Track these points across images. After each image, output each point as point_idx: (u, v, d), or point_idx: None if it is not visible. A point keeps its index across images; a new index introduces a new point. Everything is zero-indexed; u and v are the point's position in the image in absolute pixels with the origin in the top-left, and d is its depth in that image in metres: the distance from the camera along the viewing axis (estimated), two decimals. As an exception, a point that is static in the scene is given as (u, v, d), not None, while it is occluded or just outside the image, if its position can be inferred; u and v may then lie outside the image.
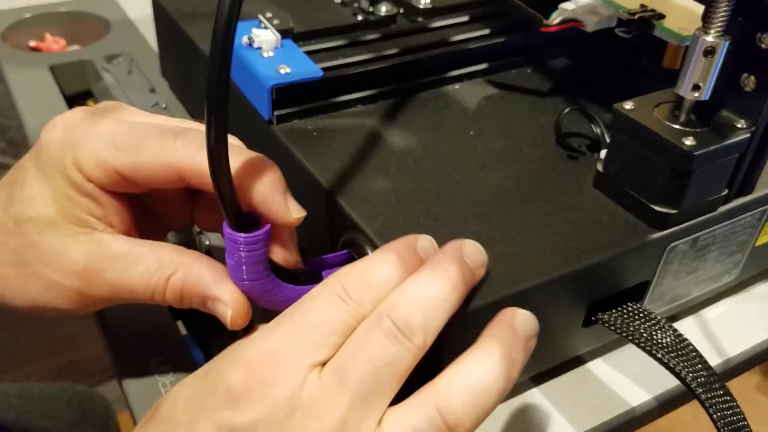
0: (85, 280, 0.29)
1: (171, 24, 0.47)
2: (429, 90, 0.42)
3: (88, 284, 0.29)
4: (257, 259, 0.28)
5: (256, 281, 0.28)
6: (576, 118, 0.39)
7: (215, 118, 0.24)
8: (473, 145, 0.37)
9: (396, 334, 0.24)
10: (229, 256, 0.28)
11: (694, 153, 0.30)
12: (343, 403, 0.23)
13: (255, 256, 0.28)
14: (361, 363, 0.24)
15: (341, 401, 0.23)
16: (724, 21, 0.29)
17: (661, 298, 0.36)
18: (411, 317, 0.25)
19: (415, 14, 0.45)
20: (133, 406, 0.34)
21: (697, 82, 0.30)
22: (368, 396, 0.24)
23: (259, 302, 0.29)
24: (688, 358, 0.31)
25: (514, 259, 0.30)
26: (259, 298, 0.29)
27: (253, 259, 0.28)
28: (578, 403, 0.35)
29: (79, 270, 0.29)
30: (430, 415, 0.24)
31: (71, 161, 0.29)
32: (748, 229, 0.37)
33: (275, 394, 0.23)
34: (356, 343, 0.24)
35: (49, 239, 0.29)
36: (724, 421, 0.30)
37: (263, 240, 0.28)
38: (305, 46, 0.41)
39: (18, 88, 0.55)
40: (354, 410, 0.23)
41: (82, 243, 0.29)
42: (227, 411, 0.23)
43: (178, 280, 0.29)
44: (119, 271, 0.29)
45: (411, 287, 0.26)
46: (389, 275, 0.26)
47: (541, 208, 0.33)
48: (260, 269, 0.28)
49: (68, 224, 0.29)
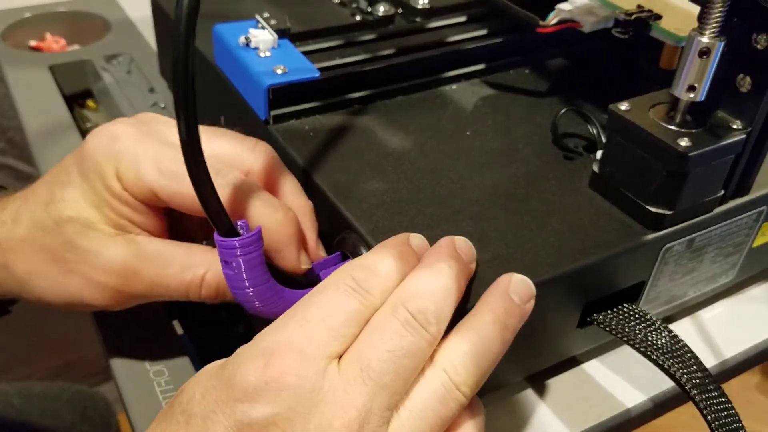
0: (122, 279, 0.31)
1: (170, 24, 0.47)
2: (426, 90, 0.42)
3: (125, 282, 0.31)
4: (255, 262, 0.28)
5: (258, 287, 0.28)
6: (572, 118, 0.39)
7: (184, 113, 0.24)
8: (470, 145, 0.37)
9: (413, 323, 0.25)
10: (227, 267, 0.28)
11: (689, 154, 0.30)
12: (365, 394, 0.24)
13: (252, 258, 0.28)
14: (382, 353, 0.24)
15: (364, 392, 0.24)
16: (720, 22, 0.29)
17: (657, 299, 0.36)
18: (425, 307, 0.25)
19: (413, 14, 0.45)
20: (129, 406, 0.34)
21: (693, 83, 0.30)
22: (390, 385, 0.24)
23: (263, 311, 0.29)
24: (683, 360, 0.31)
25: (510, 260, 0.30)
26: (262, 307, 0.29)
27: (252, 262, 0.28)
28: (574, 404, 0.35)
29: (117, 269, 0.31)
30: (441, 378, 0.25)
31: (113, 172, 0.30)
32: (745, 231, 0.36)
33: (295, 387, 0.23)
34: (374, 334, 0.25)
35: (87, 239, 0.31)
36: (719, 422, 0.29)
37: (257, 241, 0.28)
38: (302, 46, 0.41)
39: (18, 88, 0.56)
40: (377, 400, 0.24)
41: (119, 244, 0.31)
42: (245, 404, 0.23)
43: (213, 278, 0.31)
44: (155, 270, 0.31)
45: (419, 279, 0.26)
46: (392, 268, 0.27)
47: (536, 208, 0.33)
48: (260, 273, 0.28)
49: (105, 226, 0.31)
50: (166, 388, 0.34)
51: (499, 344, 0.27)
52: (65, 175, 0.32)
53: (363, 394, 0.24)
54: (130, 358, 0.36)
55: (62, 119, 0.53)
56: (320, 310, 0.25)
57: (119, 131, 0.31)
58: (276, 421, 0.23)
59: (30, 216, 0.32)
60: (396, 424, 0.24)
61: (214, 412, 0.23)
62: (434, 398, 0.25)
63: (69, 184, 0.31)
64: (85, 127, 0.55)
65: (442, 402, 0.25)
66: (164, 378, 0.35)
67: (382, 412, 0.24)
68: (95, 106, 0.59)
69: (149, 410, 0.33)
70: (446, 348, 0.26)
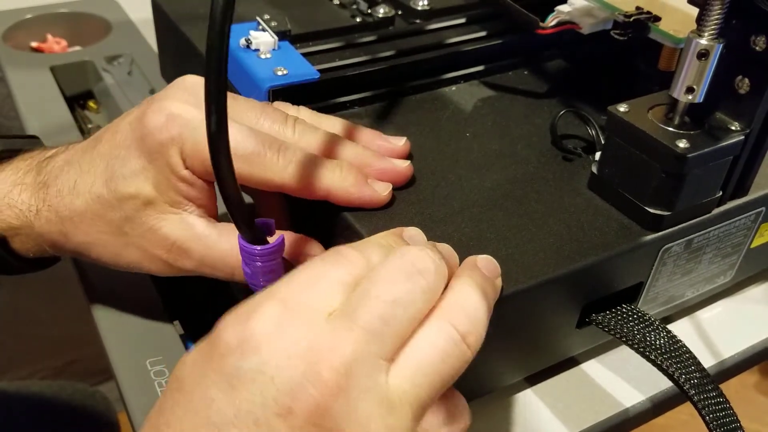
0: (173, 254, 0.33)
1: (170, 25, 0.47)
2: (426, 92, 0.42)
3: (175, 257, 0.33)
4: (272, 268, 0.29)
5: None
6: (571, 119, 0.39)
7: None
8: (469, 146, 0.37)
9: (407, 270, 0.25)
10: (245, 266, 0.29)
11: (687, 155, 0.30)
12: (352, 340, 0.23)
13: (270, 265, 0.29)
14: (370, 299, 0.24)
15: (351, 339, 0.23)
16: (718, 24, 0.29)
17: (656, 299, 0.36)
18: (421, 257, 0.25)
19: (413, 16, 0.45)
20: (130, 406, 0.34)
21: (691, 85, 0.30)
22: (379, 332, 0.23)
23: None
24: (681, 360, 0.31)
25: (509, 261, 0.30)
26: None
27: (269, 268, 0.29)
28: (572, 404, 0.35)
29: (168, 245, 0.33)
30: (447, 330, 0.24)
31: (177, 150, 0.31)
32: (743, 231, 0.37)
33: (279, 335, 0.23)
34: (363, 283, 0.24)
35: (146, 216, 0.32)
36: (717, 423, 0.30)
37: (277, 251, 0.29)
38: (302, 47, 0.41)
39: (19, 89, 0.56)
40: (366, 348, 0.23)
41: (172, 222, 0.32)
42: (231, 357, 0.23)
43: None
44: (202, 249, 0.32)
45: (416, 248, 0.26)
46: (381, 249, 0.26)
47: (535, 209, 0.33)
48: (277, 276, 0.29)
49: (163, 204, 0.32)
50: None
51: (488, 309, 0.26)
52: (124, 149, 0.32)
53: (350, 341, 0.23)
54: (132, 358, 0.36)
55: (63, 120, 0.53)
56: (303, 275, 0.25)
57: (177, 109, 0.31)
58: (264, 370, 0.22)
59: (89, 189, 0.33)
60: (395, 375, 0.23)
61: (203, 374, 0.23)
62: (435, 350, 0.24)
63: (128, 160, 0.32)
64: (86, 128, 0.55)
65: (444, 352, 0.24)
66: (165, 378, 0.35)
67: (373, 360, 0.23)
68: (96, 107, 0.59)
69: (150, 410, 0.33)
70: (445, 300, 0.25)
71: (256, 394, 0.22)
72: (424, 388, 0.24)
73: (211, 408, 0.22)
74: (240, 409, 0.22)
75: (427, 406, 0.24)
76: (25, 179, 0.34)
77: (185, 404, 0.23)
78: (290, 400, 0.22)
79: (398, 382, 0.23)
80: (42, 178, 0.34)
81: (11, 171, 0.35)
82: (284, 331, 0.23)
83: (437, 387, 0.24)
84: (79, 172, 0.33)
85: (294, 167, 0.31)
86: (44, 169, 0.34)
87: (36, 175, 0.34)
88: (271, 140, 0.31)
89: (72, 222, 0.33)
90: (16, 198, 0.34)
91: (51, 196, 0.33)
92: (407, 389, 0.23)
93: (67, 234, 0.34)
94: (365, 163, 0.33)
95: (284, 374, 0.22)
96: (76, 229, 0.33)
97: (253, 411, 0.22)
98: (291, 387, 0.22)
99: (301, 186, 0.31)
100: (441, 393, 0.24)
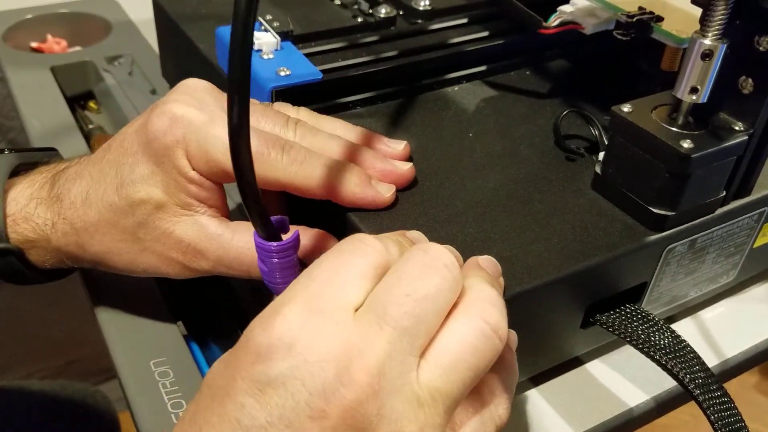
0: (189, 255, 0.33)
1: (171, 25, 0.47)
2: (428, 92, 0.42)
3: (191, 259, 0.33)
4: (289, 264, 0.29)
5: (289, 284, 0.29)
6: (574, 120, 0.39)
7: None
8: (472, 146, 0.37)
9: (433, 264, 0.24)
10: (262, 263, 0.29)
11: (691, 155, 0.30)
12: (383, 340, 0.23)
13: (287, 261, 0.29)
14: (399, 296, 0.23)
15: (382, 338, 0.23)
16: (722, 24, 0.29)
17: (659, 299, 0.36)
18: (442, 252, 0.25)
19: (415, 16, 0.45)
20: (133, 406, 0.34)
21: (695, 85, 0.30)
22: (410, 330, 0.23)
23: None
24: (685, 360, 0.31)
25: (513, 261, 0.30)
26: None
27: (286, 264, 0.29)
28: (576, 403, 0.35)
29: (183, 247, 0.33)
30: (478, 325, 0.24)
31: (183, 153, 0.32)
32: (746, 231, 0.37)
33: (307, 339, 0.23)
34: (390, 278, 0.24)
35: (159, 220, 0.33)
36: (722, 422, 0.30)
37: (293, 247, 0.29)
38: (305, 48, 0.41)
39: (19, 89, 0.56)
40: (397, 346, 0.23)
41: (185, 224, 0.33)
42: (260, 364, 0.22)
43: None
44: (217, 249, 0.33)
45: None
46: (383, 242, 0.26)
47: (539, 209, 0.33)
48: (293, 273, 0.29)
49: (174, 206, 0.32)
50: (171, 389, 0.34)
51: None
52: (131, 156, 0.33)
53: (381, 340, 0.23)
54: (135, 359, 0.36)
55: (64, 120, 0.53)
56: (324, 269, 0.25)
57: (180, 111, 0.32)
58: (294, 375, 0.22)
59: (101, 198, 0.33)
60: (426, 372, 0.23)
61: (233, 379, 0.23)
62: (464, 345, 0.24)
63: (137, 166, 0.32)
64: (87, 128, 0.55)
65: (473, 347, 0.24)
66: (169, 379, 0.35)
67: (404, 358, 0.23)
68: (97, 107, 0.59)
69: (154, 411, 0.33)
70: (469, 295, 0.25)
71: (288, 399, 0.22)
72: (456, 383, 0.24)
73: (242, 413, 0.22)
74: (272, 414, 0.22)
75: (459, 400, 0.24)
76: (40, 193, 0.34)
77: (218, 411, 0.23)
78: (323, 402, 0.22)
79: (430, 378, 0.23)
80: (56, 192, 0.34)
81: (27, 184, 0.35)
82: (312, 333, 0.23)
83: (468, 382, 0.24)
84: (90, 183, 0.33)
85: (298, 166, 0.31)
86: (58, 182, 0.34)
87: (50, 189, 0.34)
88: (274, 139, 0.32)
89: (87, 233, 0.33)
90: (33, 211, 0.34)
91: (65, 208, 0.34)
92: (439, 386, 0.23)
93: (83, 245, 0.34)
94: (367, 165, 0.33)
95: (316, 377, 0.22)
96: (91, 239, 0.34)
97: (285, 415, 0.22)
98: (323, 390, 0.22)
99: (306, 185, 0.32)
100: (472, 387, 0.24)
